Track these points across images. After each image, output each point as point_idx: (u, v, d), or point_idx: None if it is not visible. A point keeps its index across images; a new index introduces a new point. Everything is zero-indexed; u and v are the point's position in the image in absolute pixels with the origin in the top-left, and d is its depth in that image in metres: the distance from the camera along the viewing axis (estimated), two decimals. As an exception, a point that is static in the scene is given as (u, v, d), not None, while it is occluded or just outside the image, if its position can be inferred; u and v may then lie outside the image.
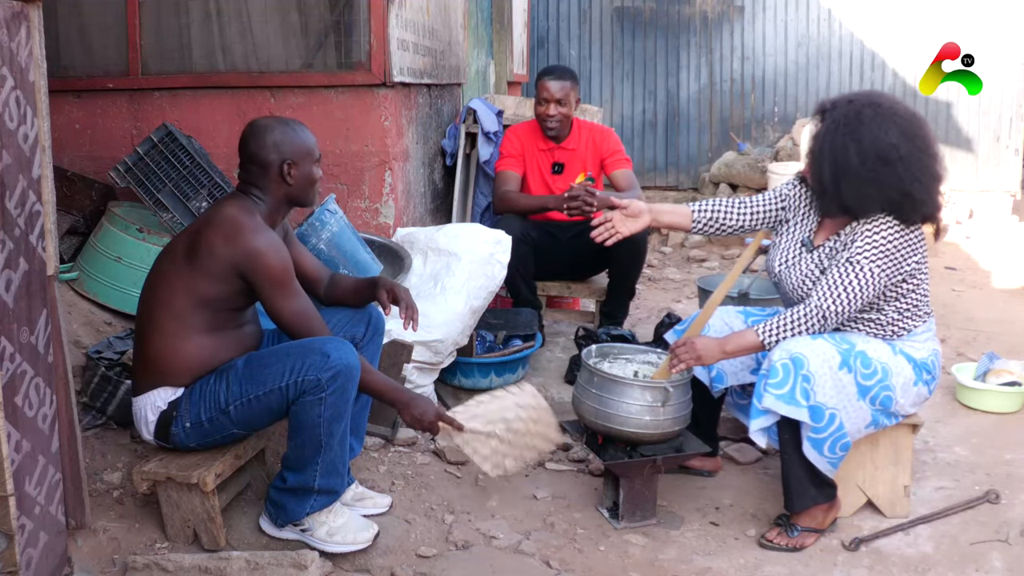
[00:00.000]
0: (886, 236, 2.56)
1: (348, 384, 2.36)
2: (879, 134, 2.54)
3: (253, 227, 2.37)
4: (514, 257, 3.63)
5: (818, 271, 2.70)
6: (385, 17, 3.88)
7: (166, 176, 3.65)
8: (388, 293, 2.70)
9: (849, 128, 2.55)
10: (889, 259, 2.56)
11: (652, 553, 2.65)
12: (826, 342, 2.59)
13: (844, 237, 2.65)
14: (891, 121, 2.56)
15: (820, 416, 2.56)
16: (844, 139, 2.55)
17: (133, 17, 4.07)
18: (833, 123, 2.58)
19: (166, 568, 2.29)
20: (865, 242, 2.56)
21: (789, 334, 2.59)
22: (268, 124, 2.50)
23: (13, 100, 2.04)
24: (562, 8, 8.55)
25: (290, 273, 2.41)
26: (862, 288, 2.55)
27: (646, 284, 6.00)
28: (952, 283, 6.07)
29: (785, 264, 2.80)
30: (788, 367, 2.54)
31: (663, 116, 8.52)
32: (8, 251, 2.02)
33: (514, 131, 4.24)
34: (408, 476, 3.00)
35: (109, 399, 2.95)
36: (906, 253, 2.58)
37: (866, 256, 2.55)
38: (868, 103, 2.59)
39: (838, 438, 2.59)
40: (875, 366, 2.61)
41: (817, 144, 2.62)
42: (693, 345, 2.66)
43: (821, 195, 2.65)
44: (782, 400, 2.55)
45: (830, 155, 2.57)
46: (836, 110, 2.60)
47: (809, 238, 2.78)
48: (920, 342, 2.72)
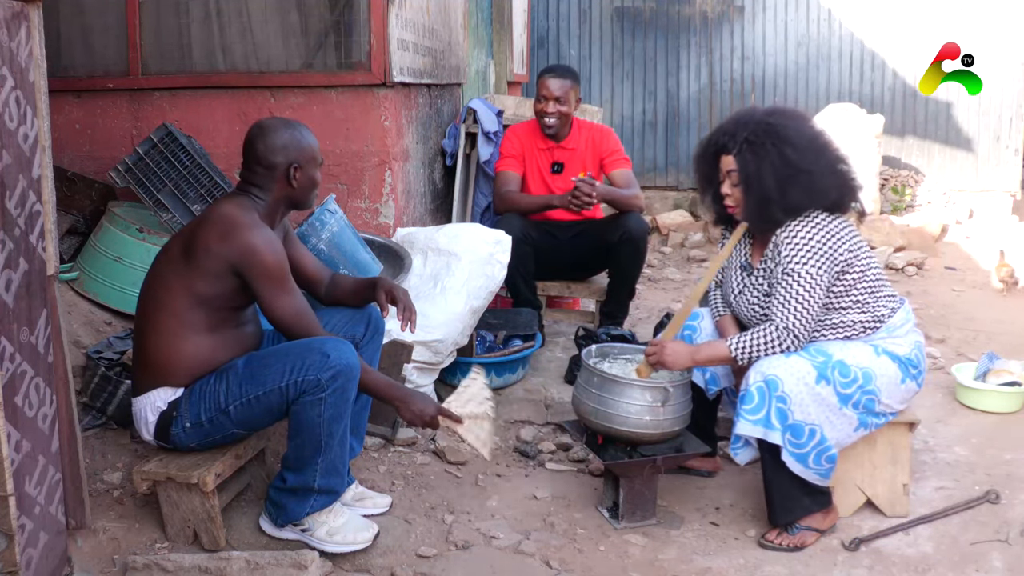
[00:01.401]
0: (806, 236, 2.60)
1: (348, 384, 2.36)
2: (802, 130, 2.65)
3: (248, 223, 2.37)
4: (514, 257, 3.63)
5: (764, 293, 2.73)
6: (385, 17, 3.88)
7: (166, 176, 3.65)
8: (386, 294, 2.71)
9: (774, 137, 2.61)
10: (819, 255, 2.58)
11: (652, 553, 2.65)
12: (800, 358, 2.60)
13: (771, 252, 2.69)
14: (797, 118, 2.70)
15: (800, 433, 2.57)
16: (776, 147, 2.60)
17: (133, 17, 4.07)
18: (753, 143, 2.63)
19: (166, 568, 2.29)
20: (790, 250, 2.60)
21: (761, 354, 2.61)
22: (276, 126, 2.50)
23: (13, 100, 2.04)
24: (562, 8, 8.55)
25: (285, 270, 2.40)
26: (810, 293, 2.58)
27: (646, 284, 6.00)
28: (952, 283, 6.07)
29: (735, 293, 2.85)
30: (763, 390, 2.57)
31: (663, 116, 8.52)
32: (8, 251, 2.02)
33: (514, 131, 4.24)
34: (408, 476, 3.00)
35: (109, 399, 2.95)
36: (833, 244, 2.60)
37: (796, 262, 2.58)
38: (764, 115, 2.68)
39: (822, 451, 2.60)
40: (854, 373, 2.61)
41: (748, 166, 2.63)
42: (663, 349, 2.70)
43: (766, 210, 2.64)
44: (759, 425, 2.58)
45: (769, 168, 2.60)
46: (744, 132, 2.64)
47: (747, 261, 2.84)
48: (901, 335, 2.72)
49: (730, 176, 2.69)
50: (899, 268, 6.35)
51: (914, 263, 6.41)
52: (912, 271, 6.33)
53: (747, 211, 2.70)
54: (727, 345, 2.64)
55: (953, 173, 8.21)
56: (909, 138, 8.24)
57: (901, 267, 6.37)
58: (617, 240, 3.90)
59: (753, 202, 2.66)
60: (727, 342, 2.65)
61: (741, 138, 2.64)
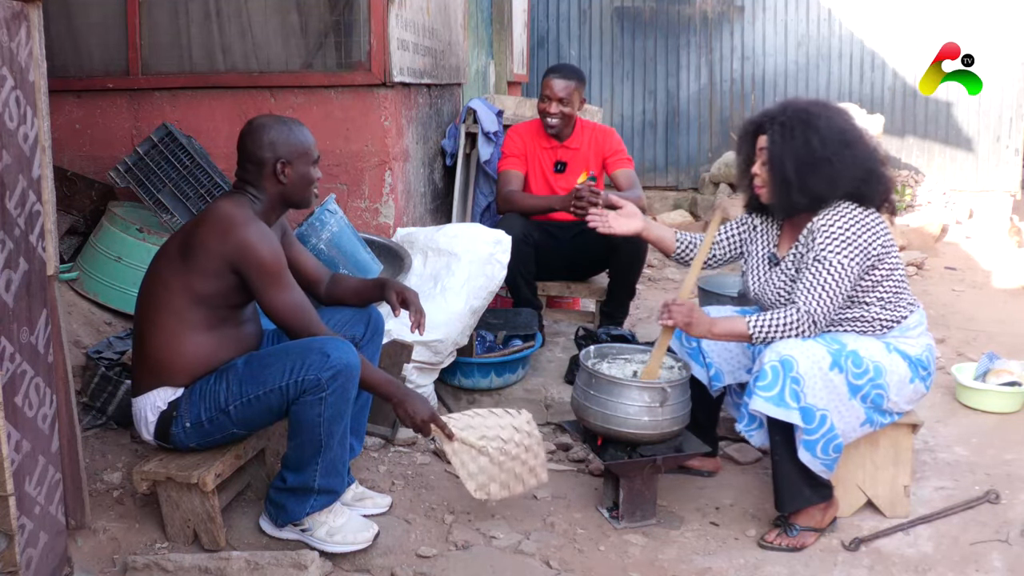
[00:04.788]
0: (843, 226, 2.61)
1: (348, 384, 2.36)
2: (834, 121, 2.69)
3: (244, 220, 2.36)
4: (515, 257, 3.62)
5: (790, 281, 2.74)
6: (385, 17, 3.88)
7: (166, 176, 3.65)
8: (398, 296, 2.70)
9: (804, 124, 2.66)
10: (853, 247, 2.60)
11: (652, 553, 2.65)
12: (816, 343, 2.61)
13: (804, 239, 2.70)
14: (835, 112, 2.74)
15: (811, 417, 2.57)
16: (803, 134, 2.65)
17: (133, 17, 4.06)
18: (785, 126, 2.68)
19: (166, 568, 2.29)
20: (825, 238, 2.61)
21: (779, 336, 2.62)
22: (265, 122, 2.49)
23: (13, 100, 2.04)
24: (562, 8, 8.55)
25: (281, 265, 2.39)
26: (837, 283, 2.59)
27: (646, 284, 6.00)
28: (952, 283, 6.07)
29: (758, 283, 2.85)
30: (777, 369, 2.57)
31: (663, 116, 8.52)
32: (8, 251, 2.02)
33: (516, 130, 4.23)
34: (408, 476, 3.00)
35: (109, 399, 2.95)
36: (868, 238, 2.62)
37: (830, 250, 2.60)
38: (806, 104, 2.74)
39: (830, 439, 2.60)
40: (867, 365, 2.63)
41: (775, 147, 2.68)
42: (691, 309, 2.68)
43: (786, 193, 2.68)
44: (771, 403, 2.58)
45: (792, 151, 2.65)
46: (782, 116, 2.70)
47: (773, 252, 2.85)
48: (914, 337, 2.73)
49: (760, 155, 2.74)
50: (899, 268, 6.35)
51: (914, 263, 6.41)
52: (912, 271, 6.33)
53: (771, 192, 2.73)
54: (746, 322, 2.64)
55: (953, 173, 8.21)
56: (909, 138, 8.25)
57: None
58: (617, 240, 3.89)
59: (775, 183, 2.70)
60: (746, 319, 2.65)
61: (777, 120, 2.69)
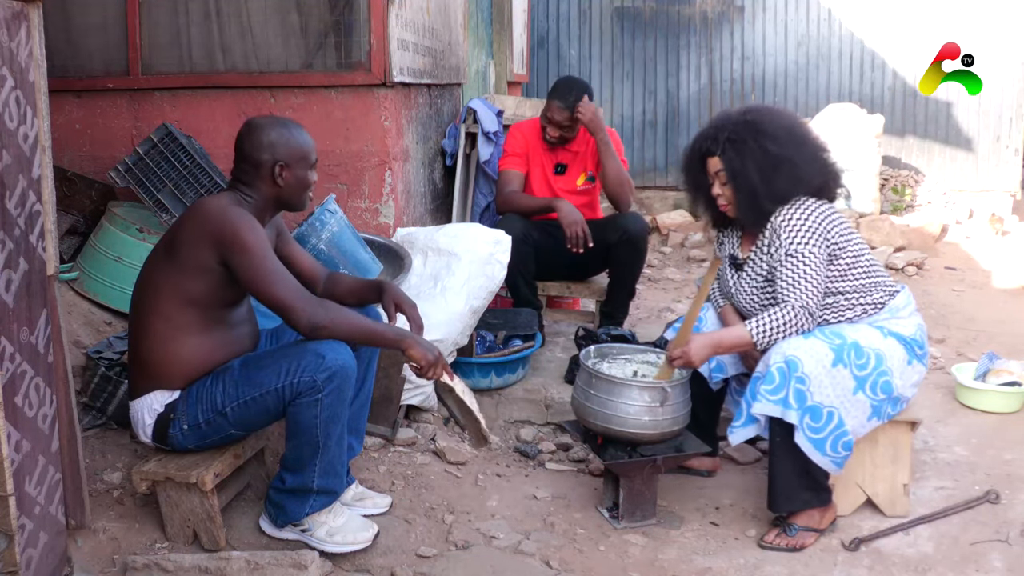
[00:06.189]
0: (802, 217, 2.68)
1: (344, 385, 2.36)
2: (779, 122, 2.75)
3: (225, 205, 2.34)
4: (515, 257, 3.62)
5: (759, 280, 2.79)
6: (385, 17, 3.87)
7: (166, 176, 3.65)
8: (397, 308, 2.63)
9: (753, 132, 2.71)
10: (817, 235, 2.66)
11: (652, 553, 2.65)
12: (818, 340, 2.64)
13: (767, 237, 2.75)
14: (776, 113, 2.82)
15: (818, 415, 2.59)
16: (756, 141, 2.69)
17: (133, 17, 4.06)
18: (734, 140, 2.72)
19: (166, 568, 2.29)
20: (789, 231, 2.67)
21: (780, 336, 2.64)
22: (264, 123, 2.48)
23: (13, 100, 2.04)
24: (562, 8, 8.55)
25: (264, 246, 2.33)
26: (815, 271, 2.65)
27: (646, 284, 6.00)
28: (952, 283, 6.07)
29: (733, 286, 2.90)
30: (783, 371, 2.59)
31: (663, 116, 8.52)
32: (8, 251, 2.02)
33: (518, 128, 4.22)
34: (408, 476, 3.00)
35: (109, 399, 2.95)
36: (827, 226, 2.68)
37: (799, 242, 2.66)
38: (742, 114, 2.79)
39: (839, 436, 2.61)
40: (868, 354, 2.65)
41: (733, 162, 2.72)
42: (688, 353, 2.68)
43: (755, 202, 2.72)
44: (778, 404, 2.60)
45: (752, 161, 2.70)
46: (725, 133, 2.74)
47: (735, 254, 2.90)
48: (905, 317, 2.78)
49: (718, 176, 2.78)
50: (899, 268, 6.35)
51: (914, 263, 6.41)
52: (912, 271, 6.33)
53: (739, 207, 2.77)
54: (747, 330, 2.66)
55: (953, 173, 8.21)
56: (909, 138, 8.24)
57: (901, 267, 6.37)
58: (617, 240, 3.90)
59: (743, 197, 2.74)
60: (747, 327, 2.66)
61: (723, 139, 2.73)
